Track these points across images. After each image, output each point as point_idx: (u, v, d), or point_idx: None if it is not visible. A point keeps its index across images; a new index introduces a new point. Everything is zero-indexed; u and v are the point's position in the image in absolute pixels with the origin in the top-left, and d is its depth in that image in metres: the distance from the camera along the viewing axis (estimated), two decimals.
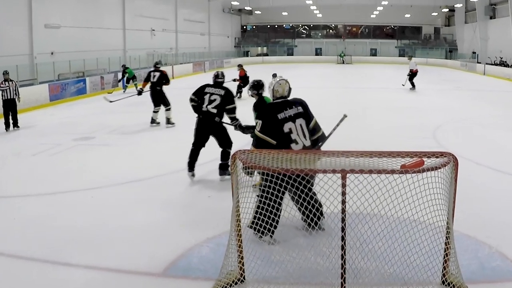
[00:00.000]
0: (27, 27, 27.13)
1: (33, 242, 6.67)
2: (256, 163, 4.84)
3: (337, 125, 8.37)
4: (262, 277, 5.28)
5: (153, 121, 15.77)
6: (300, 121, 6.62)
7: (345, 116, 8.59)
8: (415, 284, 5.03)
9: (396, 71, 44.65)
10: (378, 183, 4.58)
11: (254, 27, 74.46)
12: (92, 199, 8.53)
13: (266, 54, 69.39)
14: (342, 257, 4.60)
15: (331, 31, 74.54)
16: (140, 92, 16.41)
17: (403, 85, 27.35)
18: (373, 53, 68.50)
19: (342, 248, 4.59)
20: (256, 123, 6.66)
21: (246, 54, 68.82)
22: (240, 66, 24.29)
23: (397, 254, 5.04)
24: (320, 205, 5.95)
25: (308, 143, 6.61)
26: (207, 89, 9.60)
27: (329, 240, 5.13)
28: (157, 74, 15.73)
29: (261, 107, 7.57)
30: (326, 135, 7.22)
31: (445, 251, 4.95)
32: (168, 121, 15.71)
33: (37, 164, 11.09)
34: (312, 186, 6.17)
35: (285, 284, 5.12)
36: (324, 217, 6.24)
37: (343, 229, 4.57)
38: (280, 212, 6.04)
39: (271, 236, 6.07)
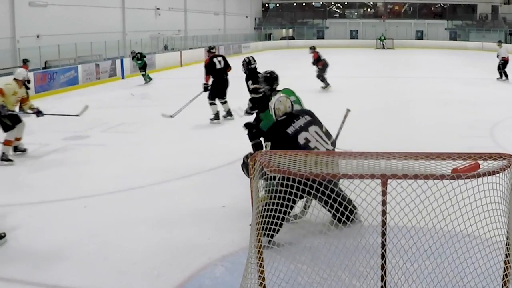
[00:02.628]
0: (8, 5, 27.30)
1: (14, 260, 6.71)
2: (280, 167, 4.84)
3: (343, 122, 8.44)
4: None
5: (218, 116, 15.79)
6: (314, 128, 6.95)
7: (348, 110, 8.66)
8: None
9: (446, 58, 44.53)
10: (425, 191, 4.55)
11: (277, 5, 74.52)
12: (85, 210, 8.59)
13: (292, 38, 69.42)
14: (382, 278, 4.60)
15: (369, 10, 74.43)
16: (206, 88, 15.85)
17: (502, 79, 27.00)
18: (419, 36, 68.35)
19: (382, 267, 4.59)
20: (265, 146, 6.80)
21: (268, 37, 68.97)
22: (312, 48, 24.00)
23: (447, 275, 5.02)
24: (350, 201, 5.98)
25: (330, 147, 6.85)
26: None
27: (367, 258, 5.10)
28: (221, 58, 15.94)
29: (269, 129, 7.65)
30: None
31: (504, 271, 4.91)
32: (230, 113, 15.98)
33: (20, 168, 11.15)
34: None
35: None
36: (357, 209, 6.32)
37: (383, 245, 4.57)
38: (288, 216, 6.08)
39: (269, 241, 6.07)
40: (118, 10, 37.94)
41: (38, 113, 12.08)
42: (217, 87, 15.65)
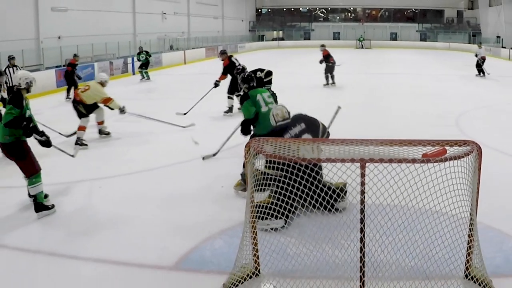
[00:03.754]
0: (33, 10, 27.20)
1: (37, 234, 6.75)
2: (271, 152, 4.83)
3: (333, 117, 8.41)
4: (278, 270, 5.29)
5: (231, 109, 15.65)
6: (306, 136, 6.94)
7: (339, 108, 8.62)
8: (437, 277, 5.01)
9: (418, 56, 44.52)
10: (399, 173, 4.56)
11: (269, 10, 74.26)
12: (100, 189, 8.60)
13: (282, 39, 69.38)
14: (361, 250, 4.60)
15: (349, 14, 74.21)
16: (217, 85, 15.76)
17: (480, 75, 26.82)
18: (393, 37, 68.30)
19: (361, 240, 4.58)
20: None
21: (261, 38, 68.81)
22: (323, 46, 23.39)
23: (418, 247, 5.03)
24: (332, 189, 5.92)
25: None
26: None
27: (348, 232, 5.10)
28: (235, 56, 15.86)
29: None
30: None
31: (468, 243, 4.93)
32: None
33: (42, 152, 11.09)
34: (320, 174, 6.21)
35: (302, 278, 5.11)
36: (344, 196, 6.36)
37: (362, 221, 4.56)
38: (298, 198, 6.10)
39: (285, 221, 6.07)
40: (129, 14, 37.79)
41: (122, 111, 12.46)
42: (237, 82, 15.44)
